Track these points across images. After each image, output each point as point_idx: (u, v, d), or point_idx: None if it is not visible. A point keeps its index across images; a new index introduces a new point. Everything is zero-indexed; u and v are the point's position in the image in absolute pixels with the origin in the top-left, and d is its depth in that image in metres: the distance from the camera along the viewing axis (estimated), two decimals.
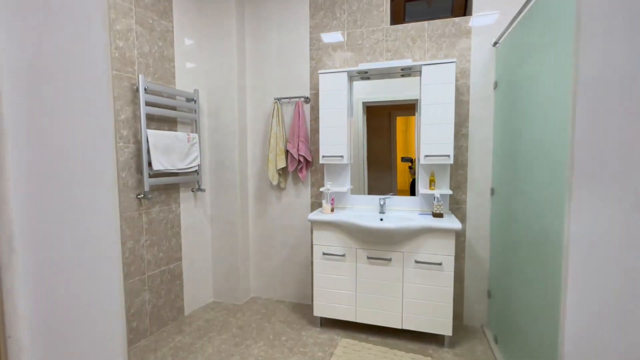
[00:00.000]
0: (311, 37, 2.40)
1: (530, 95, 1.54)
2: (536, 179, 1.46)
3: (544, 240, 1.33)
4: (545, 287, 1.31)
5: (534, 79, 1.51)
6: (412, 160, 2.28)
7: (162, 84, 2.13)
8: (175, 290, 2.27)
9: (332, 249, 2.06)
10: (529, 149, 1.55)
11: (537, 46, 1.45)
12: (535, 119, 1.49)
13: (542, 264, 1.34)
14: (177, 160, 2.14)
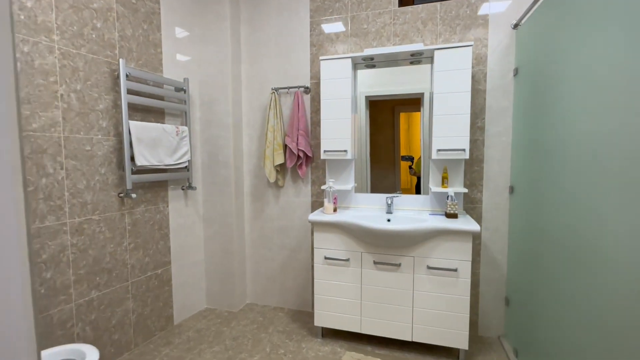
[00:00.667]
0: (312, 21, 2.20)
1: (559, 82, 1.34)
2: (565, 177, 1.26)
3: (577, 246, 1.14)
4: (581, 298, 1.12)
5: (563, 63, 1.31)
6: (412, 160, 2.09)
7: (148, 70, 1.94)
8: (164, 297, 2.08)
9: (334, 252, 1.87)
10: (557, 142, 1.36)
11: (567, 27, 1.25)
12: (566, 109, 1.29)
13: (575, 271, 1.16)
14: (165, 155, 1.95)
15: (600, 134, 1.05)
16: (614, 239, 0.97)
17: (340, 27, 2.14)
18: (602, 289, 1.02)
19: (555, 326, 1.33)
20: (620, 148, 0.95)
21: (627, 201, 0.91)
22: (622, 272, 0.93)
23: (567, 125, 1.28)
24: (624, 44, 0.94)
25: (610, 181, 0.99)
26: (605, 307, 1.00)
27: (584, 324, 1.12)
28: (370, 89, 2.11)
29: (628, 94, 0.92)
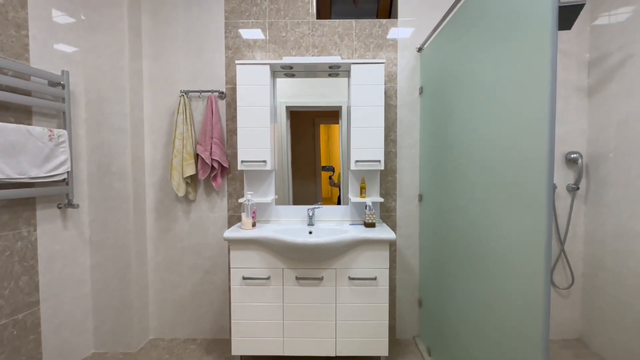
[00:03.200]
0: (227, 22, 2.05)
1: (452, 100, 1.51)
2: (462, 185, 1.41)
3: (474, 246, 1.26)
4: (477, 296, 1.24)
5: (454, 84, 1.48)
6: (333, 170, 2.11)
7: (5, 57, 1.50)
8: (27, 349, 1.60)
9: (254, 271, 1.72)
10: (452, 154, 1.52)
11: (461, 52, 1.42)
12: (457, 125, 1.46)
13: (470, 272, 1.28)
14: (30, 165, 1.53)
15: (483, 146, 1.19)
16: (498, 241, 1.09)
17: (258, 34, 2.05)
18: (493, 287, 1.14)
19: (460, 324, 1.45)
20: (500, 158, 1.08)
21: (509, 210, 1.03)
22: (508, 272, 1.04)
23: (459, 139, 1.43)
24: (501, 69, 1.08)
25: (495, 190, 1.12)
26: (497, 302, 1.11)
27: (481, 320, 1.23)
28: (290, 99, 2.05)
29: (503, 111, 1.05)
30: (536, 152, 0.92)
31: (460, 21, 1.43)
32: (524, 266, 0.98)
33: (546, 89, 0.87)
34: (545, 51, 0.87)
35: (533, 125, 0.93)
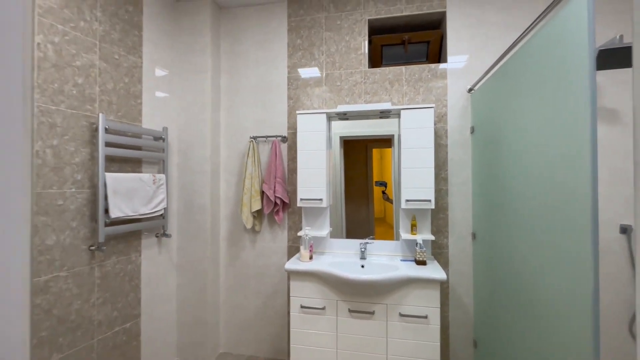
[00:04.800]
0: (289, 76, 2.36)
1: (504, 141, 1.55)
2: (515, 224, 1.43)
3: (526, 288, 1.26)
4: (531, 340, 1.23)
5: (506, 126, 1.53)
6: (386, 185, 2.22)
7: (127, 122, 1.97)
8: (131, 353, 1.98)
9: (311, 301, 1.90)
10: (504, 194, 1.54)
11: (510, 94, 1.47)
12: (508, 166, 1.49)
13: (526, 314, 1.28)
14: (140, 205, 1.94)
15: (534, 186, 1.22)
16: (548, 286, 1.10)
17: (316, 85, 2.31)
18: (545, 331, 1.14)
19: None
20: (547, 197, 1.11)
21: (559, 253, 1.05)
22: (559, 316, 1.05)
23: (511, 179, 1.46)
24: (549, 113, 1.13)
25: (546, 231, 1.14)
26: (549, 350, 1.11)
27: None
28: (344, 130, 2.25)
29: (550, 154, 1.09)
30: (581, 189, 0.96)
31: (510, 66, 1.49)
32: (571, 314, 0.99)
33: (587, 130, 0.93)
34: (585, 92, 0.93)
35: (577, 163, 0.98)
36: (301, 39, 2.34)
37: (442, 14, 2.16)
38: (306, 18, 2.33)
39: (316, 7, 2.31)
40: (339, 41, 2.28)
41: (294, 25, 2.35)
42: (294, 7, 2.35)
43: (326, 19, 2.30)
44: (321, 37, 2.30)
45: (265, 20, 2.40)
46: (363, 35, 2.24)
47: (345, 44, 2.27)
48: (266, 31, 2.39)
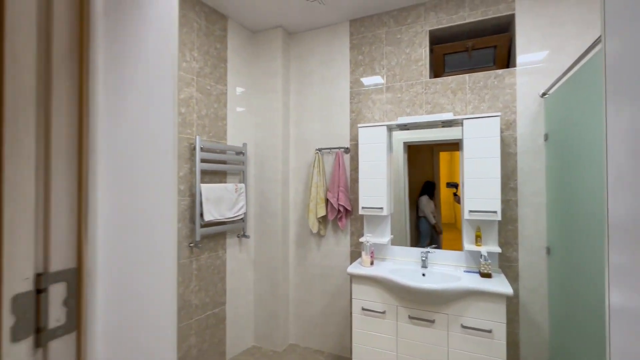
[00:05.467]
0: (351, 91, 2.52)
1: (583, 150, 1.45)
2: (597, 241, 1.33)
3: None
4: None
5: (586, 133, 1.42)
6: (457, 186, 2.20)
7: (215, 140, 2.36)
8: (219, 334, 2.36)
9: (371, 304, 2.02)
10: (586, 206, 1.43)
11: (590, 102, 1.38)
12: (593, 176, 1.38)
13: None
14: (226, 210, 2.31)
15: None
16: None
17: (377, 97, 2.42)
18: None
19: None
20: None
21: None
22: None
23: (591, 191, 1.36)
24: None
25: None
26: None
27: None
28: (408, 135, 2.30)
29: None
30: None
31: (591, 66, 1.39)
32: None
33: None
34: None
35: None
36: (362, 55, 2.47)
37: (510, 16, 2.07)
38: (367, 35, 2.46)
39: (377, 23, 2.42)
40: (399, 54, 2.35)
41: (356, 43, 2.50)
42: (355, 26, 2.50)
43: (386, 33, 2.39)
44: (382, 51, 2.40)
45: (329, 41, 2.59)
46: (424, 46, 2.27)
47: (406, 56, 2.33)
48: (330, 50, 2.59)
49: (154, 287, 0.60)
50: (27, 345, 0.43)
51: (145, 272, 0.58)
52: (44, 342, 0.45)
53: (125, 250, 0.55)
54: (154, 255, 0.60)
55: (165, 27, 0.63)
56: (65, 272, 0.47)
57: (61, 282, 0.47)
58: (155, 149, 0.61)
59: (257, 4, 2.29)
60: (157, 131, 0.62)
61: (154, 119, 0.61)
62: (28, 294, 0.43)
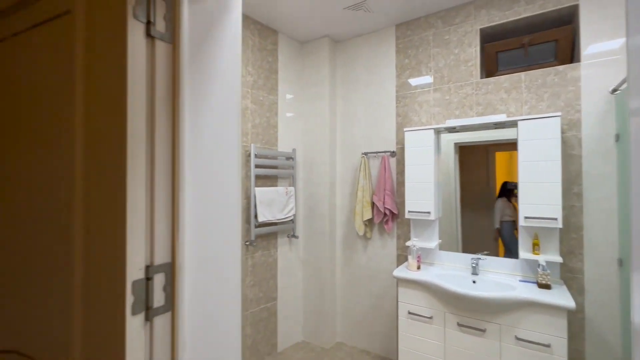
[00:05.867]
0: (397, 95, 2.52)
1: None
2: None
3: None
4: None
5: None
6: (516, 186, 2.06)
7: (268, 147, 2.55)
8: (271, 327, 2.54)
9: (418, 308, 2.01)
10: None
11: None
12: None
13: None
14: (277, 212, 2.48)
15: None
16: None
17: (423, 101, 2.40)
18: None
19: None
20: None
21: None
22: None
23: None
24: None
25: None
26: None
27: None
28: (459, 136, 2.25)
29: None
30: None
31: None
32: None
33: None
34: None
35: None
36: (409, 59, 2.47)
37: (572, 7, 1.91)
38: (414, 38, 2.45)
39: (423, 26, 2.40)
40: (447, 55, 2.30)
41: (402, 47, 2.50)
42: (401, 30, 2.51)
43: (434, 35, 2.36)
44: (429, 54, 2.38)
45: (374, 46, 2.63)
46: (474, 45, 2.20)
47: (454, 57, 2.27)
48: (375, 56, 2.63)
49: (223, 277, 0.73)
50: (140, 319, 0.57)
51: (217, 265, 0.72)
52: (150, 317, 0.59)
53: (204, 248, 0.69)
54: (223, 251, 0.73)
55: (230, 70, 0.76)
56: (164, 265, 0.62)
57: (161, 273, 0.61)
58: (224, 167, 0.74)
59: (305, 16, 2.42)
60: (225, 151, 0.75)
61: (223, 140, 0.74)
62: (141, 281, 0.57)
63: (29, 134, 0.71)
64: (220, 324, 0.71)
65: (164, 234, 0.61)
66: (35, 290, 0.68)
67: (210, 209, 0.70)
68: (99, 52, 0.61)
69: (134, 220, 0.55)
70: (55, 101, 0.67)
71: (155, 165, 0.60)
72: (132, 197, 0.55)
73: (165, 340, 0.60)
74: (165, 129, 0.62)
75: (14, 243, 0.70)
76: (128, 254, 0.54)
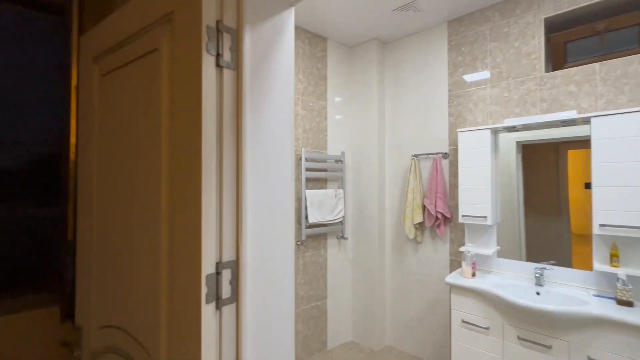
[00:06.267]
0: (450, 94, 2.43)
1: None
2: None
3: None
4: None
5: None
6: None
7: (317, 151, 2.64)
8: (321, 325, 2.62)
9: (473, 317, 1.92)
10: None
11: None
12: None
13: None
14: (326, 213, 2.55)
15: None
16: None
17: (479, 100, 2.28)
18: None
19: None
20: None
21: None
22: None
23: None
24: None
25: None
26: None
27: None
28: (522, 135, 2.09)
29: None
30: None
31: None
32: None
33: None
34: None
35: None
36: (462, 56, 2.36)
37: None
38: (468, 34, 2.33)
39: (479, 20, 2.28)
40: (507, 49, 2.15)
41: (454, 44, 2.40)
42: (454, 26, 2.41)
43: (491, 29, 2.23)
44: (485, 49, 2.25)
45: (425, 45, 2.56)
46: (537, 37, 2.03)
47: (515, 50, 2.12)
48: (426, 55, 2.56)
49: (279, 274, 0.81)
50: (212, 307, 0.67)
51: (273, 263, 0.80)
52: (220, 306, 0.69)
53: (262, 248, 0.77)
54: (279, 251, 0.81)
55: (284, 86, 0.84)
56: (230, 262, 0.71)
57: (228, 269, 0.70)
58: (279, 175, 0.82)
59: (353, 21, 2.46)
60: (280, 161, 0.83)
61: (277, 151, 0.82)
62: (213, 275, 0.67)
63: (131, 149, 0.87)
64: (276, 316, 0.79)
65: (230, 235, 0.71)
66: (135, 281, 0.83)
67: (268, 213, 0.79)
68: (179, 80, 0.73)
69: (207, 224, 0.66)
70: (148, 122, 0.81)
71: (223, 176, 0.69)
72: (206, 204, 0.65)
73: (231, 327, 0.70)
74: (231, 143, 0.72)
75: (129, 247, 0.86)
76: (203, 252, 0.65)
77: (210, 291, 0.66)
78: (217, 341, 0.67)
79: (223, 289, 0.69)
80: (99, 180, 0.99)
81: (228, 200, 0.71)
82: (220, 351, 0.67)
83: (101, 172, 0.99)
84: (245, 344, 0.71)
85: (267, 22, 0.79)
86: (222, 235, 0.69)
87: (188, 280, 0.67)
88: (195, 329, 0.64)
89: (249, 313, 0.72)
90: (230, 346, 0.69)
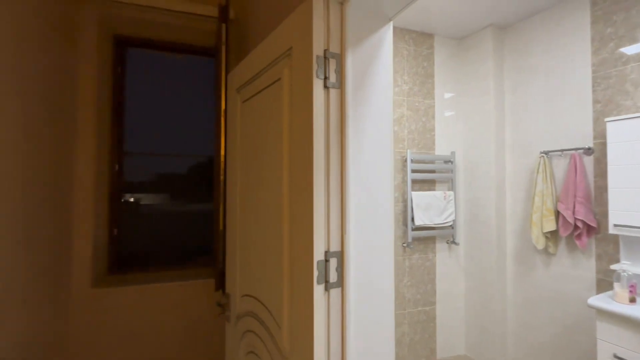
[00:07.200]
0: (594, 76, 1.99)
1: None
2: None
3: None
4: None
5: None
6: None
7: (424, 152, 2.57)
8: (429, 331, 2.54)
9: (630, 354, 1.53)
10: None
11: None
12: None
13: None
14: (434, 216, 2.46)
15: None
16: None
17: None
18: None
19: None
20: None
21: None
22: None
23: None
24: None
25: None
26: None
27: None
28: None
29: None
30: None
31: None
32: None
33: None
34: None
35: None
36: (613, 27, 1.90)
37: None
38: None
39: None
40: None
41: (601, 14, 1.95)
42: None
43: None
44: None
45: (555, 23, 2.17)
46: None
47: None
48: (557, 34, 2.16)
49: (378, 266, 0.89)
50: (322, 288, 0.81)
51: (372, 256, 0.88)
52: (328, 288, 0.82)
53: (363, 242, 0.87)
54: (378, 245, 0.90)
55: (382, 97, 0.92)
56: (336, 253, 0.84)
57: (335, 258, 0.83)
58: (378, 179, 0.91)
59: (464, 10, 2.30)
60: (379, 166, 0.91)
61: (377, 158, 0.91)
62: (322, 261, 0.81)
63: (262, 160, 1.11)
64: (375, 303, 0.87)
65: (336, 229, 0.83)
66: (266, 262, 1.07)
67: (368, 212, 0.88)
68: (296, 101, 0.90)
69: (318, 220, 0.80)
70: (274, 137, 1.03)
71: (330, 180, 0.83)
72: (317, 204, 0.80)
73: (337, 307, 0.82)
74: (336, 151, 0.85)
75: (261, 236, 1.11)
76: (314, 242, 0.79)
77: (320, 274, 0.80)
78: (325, 315, 0.81)
79: (331, 274, 0.82)
80: (241, 184, 1.29)
81: (334, 201, 0.84)
82: (328, 322, 0.81)
83: (242, 178, 1.28)
84: (349, 322, 0.82)
85: (366, 41, 0.89)
86: (329, 229, 0.83)
87: (303, 263, 0.83)
88: (309, 303, 0.80)
89: (352, 297, 0.83)
90: (337, 321, 0.82)
